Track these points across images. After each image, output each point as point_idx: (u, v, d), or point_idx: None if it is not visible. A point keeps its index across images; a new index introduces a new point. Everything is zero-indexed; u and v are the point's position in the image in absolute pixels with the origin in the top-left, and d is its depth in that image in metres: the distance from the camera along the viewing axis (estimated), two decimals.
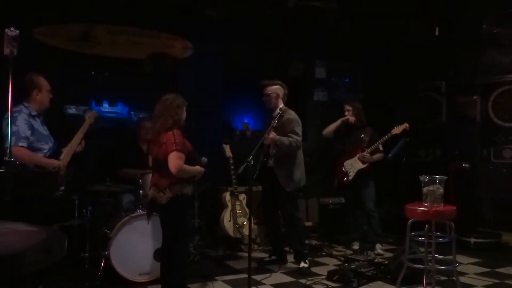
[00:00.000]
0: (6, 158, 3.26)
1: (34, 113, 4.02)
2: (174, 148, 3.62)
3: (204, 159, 3.92)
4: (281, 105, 5.15)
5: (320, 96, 7.59)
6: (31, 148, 3.89)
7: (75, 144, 4.30)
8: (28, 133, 3.87)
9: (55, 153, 4.11)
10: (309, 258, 5.28)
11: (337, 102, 7.28)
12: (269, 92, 5.12)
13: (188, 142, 3.80)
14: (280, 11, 6.60)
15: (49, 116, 5.36)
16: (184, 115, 3.89)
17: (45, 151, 4.04)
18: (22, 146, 3.80)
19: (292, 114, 5.11)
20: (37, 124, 4.04)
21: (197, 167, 3.84)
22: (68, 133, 4.46)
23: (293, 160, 5.08)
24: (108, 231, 4.51)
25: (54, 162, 3.98)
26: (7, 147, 3.29)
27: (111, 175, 5.09)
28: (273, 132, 4.86)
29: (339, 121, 5.82)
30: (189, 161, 3.74)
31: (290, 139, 4.92)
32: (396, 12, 7.26)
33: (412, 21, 7.30)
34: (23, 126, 3.84)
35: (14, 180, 3.29)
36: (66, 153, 4.20)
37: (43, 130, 4.10)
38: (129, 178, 5.13)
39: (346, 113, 5.83)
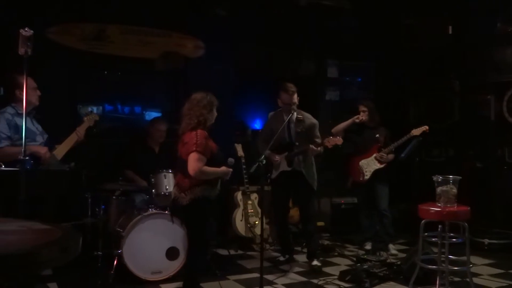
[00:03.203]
0: (21, 157, 3.30)
1: (20, 111, 3.91)
2: (194, 149, 3.58)
3: (231, 160, 3.85)
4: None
5: (332, 96, 7.57)
6: (16, 146, 3.86)
7: (69, 142, 4.31)
8: (10, 132, 3.89)
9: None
10: (321, 258, 5.27)
11: (349, 101, 7.26)
12: (296, 101, 5.08)
13: (213, 143, 3.76)
14: (292, 9, 6.59)
15: (62, 115, 5.46)
16: (212, 115, 3.81)
17: None
18: (4, 146, 3.83)
19: (311, 117, 5.22)
20: (26, 121, 4.02)
21: (222, 168, 3.76)
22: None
23: (311, 160, 5.21)
24: (121, 230, 4.54)
25: (38, 148, 4.00)
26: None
27: (123, 174, 5.14)
28: (313, 146, 4.93)
29: (350, 121, 5.79)
30: (213, 162, 3.70)
31: (320, 148, 4.98)
32: (409, 11, 7.22)
33: (425, 20, 7.25)
34: (2, 127, 3.88)
35: (29, 178, 3.33)
36: (60, 149, 4.23)
37: (33, 127, 4.11)
38: (132, 181, 5.19)
39: (362, 113, 5.80)
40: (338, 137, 4.97)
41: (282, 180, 5.19)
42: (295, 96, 5.06)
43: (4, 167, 3.58)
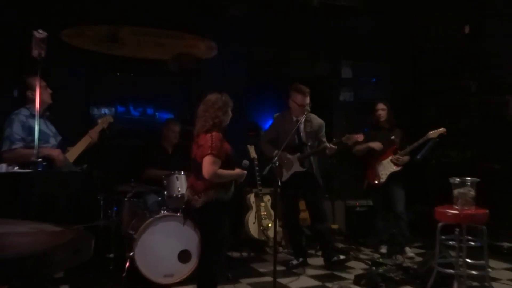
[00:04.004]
0: (34, 159, 3.33)
1: (34, 112, 3.87)
2: (209, 152, 3.58)
3: (246, 162, 3.84)
4: None
5: (347, 96, 7.54)
6: (30, 147, 3.84)
7: (82, 144, 4.36)
8: (23, 133, 3.92)
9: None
10: (342, 256, 5.28)
11: (364, 102, 7.22)
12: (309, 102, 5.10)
13: (228, 145, 3.76)
14: (305, 9, 6.58)
15: (75, 117, 5.51)
16: (227, 116, 3.81)
17: None
18: (17, 148, 3.86)
19: (317, 118, 5.26)
20: (40, 123, 4.06)
21: (237, 171, 3.77)
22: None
23: (317, 159, 5.30)
24: (133, 232, 4.56)
25: (50, 151, 4.01)
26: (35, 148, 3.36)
27: (136, 176, 5.16)
28: (331, 145, 4.96)
29: (367, 147, 5.74)
30: (227, 165, 3.70)
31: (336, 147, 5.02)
32: (425, 10, 7.16)
33: (441, 19, 7.19)
34: (16, 128, 3.90)
35: (41, 180, 3.36)
36: (72, 152, 4.28)
37: (46, 128, 4.14)
38: (153, 179, 5.19)
39: (381, 112, 5.77)
40: (359, 134, 4.95)
41: (292, 181, 5.19)
42: (309, 97, 5.06)
43: (18, 169, 3.62)
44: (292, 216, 5.38)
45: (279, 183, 5.26)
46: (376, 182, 5.73)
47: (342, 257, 5.18)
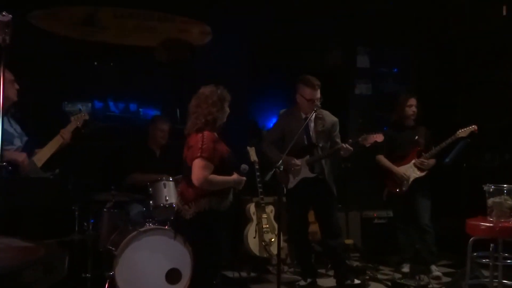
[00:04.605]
0: None
1: None
2: (199, 154, 3.59)
3: (245, 167, 3.87)
4: None
5: (363, 89, 7.55)
6: None
7: (53, 146, 4.35)
8: None
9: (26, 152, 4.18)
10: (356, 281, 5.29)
11: (384, 96, 7.22)
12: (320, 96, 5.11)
13: (224, 146, 3.78)
14: None
15: (45, 114, 5.52)
16: (223, 113, 3.83)
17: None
18: None
19: (330, 115, 5.25)
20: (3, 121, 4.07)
21: (233, 177, 3.79)
22: None
23: (330, 163, 5.28)
24: (113, 248, 4.57)
25: (16, 155, 4.01)
26: None
27: (116, 182, 5.17)
28: (347, 145, 4.95)
29: (389, 167, 5.77)
30: (222, 169, 3.72)
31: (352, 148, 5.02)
32: None
33: None
34: None
35: (6, 187, 3.37)
36: (41, 155, 4.28)
37: (10, 128, 4.14)
38: (139, 185, 5.21)
39: (414, 108, 5.77)
40: (378, 134, 4.95)
41: (300, 189, 5.20)
42: (319, 91, 5.08)
43: None
44: (300, 229, 5.39)
45: (284, 191, 5.29)
46: (397, 190, 5.74)
47: (357, 281, 5.19)
